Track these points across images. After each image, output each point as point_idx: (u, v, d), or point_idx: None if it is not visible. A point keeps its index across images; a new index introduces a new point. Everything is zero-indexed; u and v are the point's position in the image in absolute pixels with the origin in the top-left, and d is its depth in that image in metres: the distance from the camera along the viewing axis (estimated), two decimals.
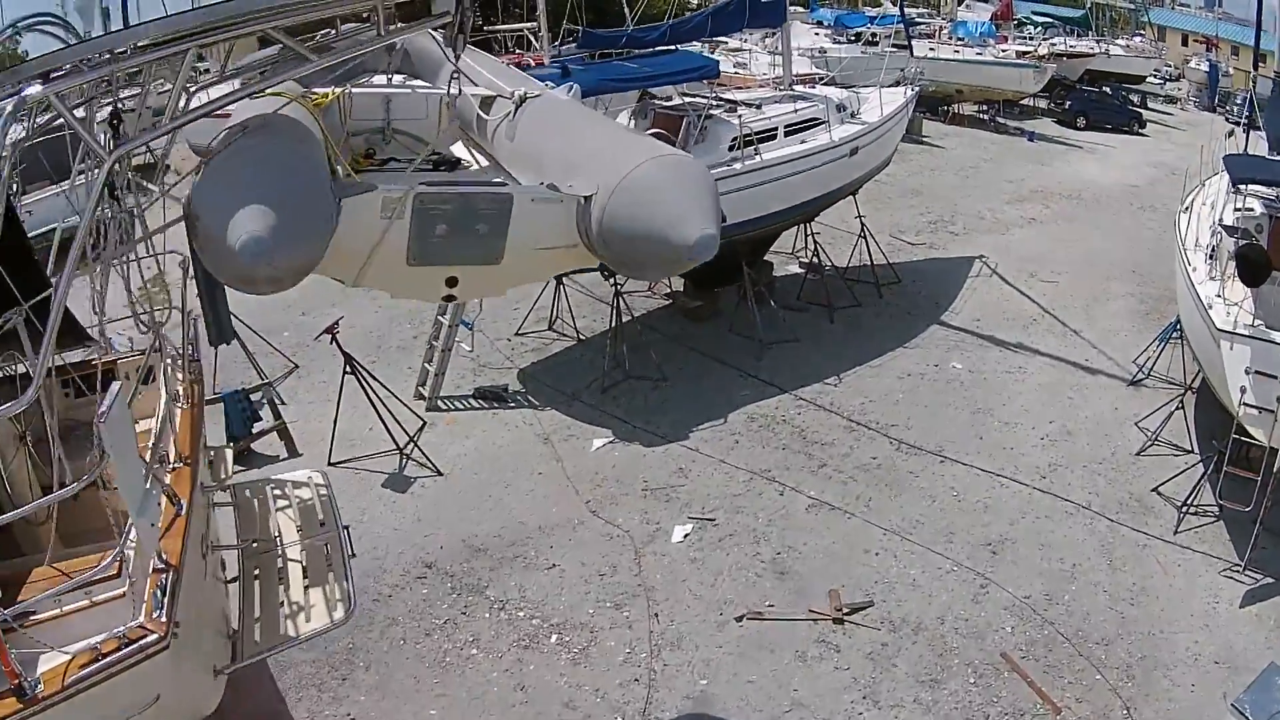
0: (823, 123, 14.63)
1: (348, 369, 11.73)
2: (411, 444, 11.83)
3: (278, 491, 7.40)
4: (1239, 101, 43.34)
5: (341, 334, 16.23)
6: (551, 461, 11.67)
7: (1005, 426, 12.31)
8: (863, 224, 16.36)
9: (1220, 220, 11.69)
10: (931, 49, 32.65)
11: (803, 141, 14.34)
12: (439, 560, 9.77)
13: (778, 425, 12.16)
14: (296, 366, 15.06)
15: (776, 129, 14.23)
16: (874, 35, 23.77)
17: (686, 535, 10.14)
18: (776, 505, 10.58)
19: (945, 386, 13.25)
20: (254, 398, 12.67)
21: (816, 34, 31.33)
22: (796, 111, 14.58)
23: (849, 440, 11.85)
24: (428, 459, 11.58)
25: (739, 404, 12.67)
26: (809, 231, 15.87)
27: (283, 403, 13.03)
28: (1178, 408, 11.96)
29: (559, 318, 14.98)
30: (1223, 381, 9.79)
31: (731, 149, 13.43)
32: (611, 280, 13.42)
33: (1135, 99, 41.09)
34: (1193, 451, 11.71)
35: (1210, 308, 10.17)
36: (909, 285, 16.69)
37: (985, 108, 33.74)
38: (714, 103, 14.43)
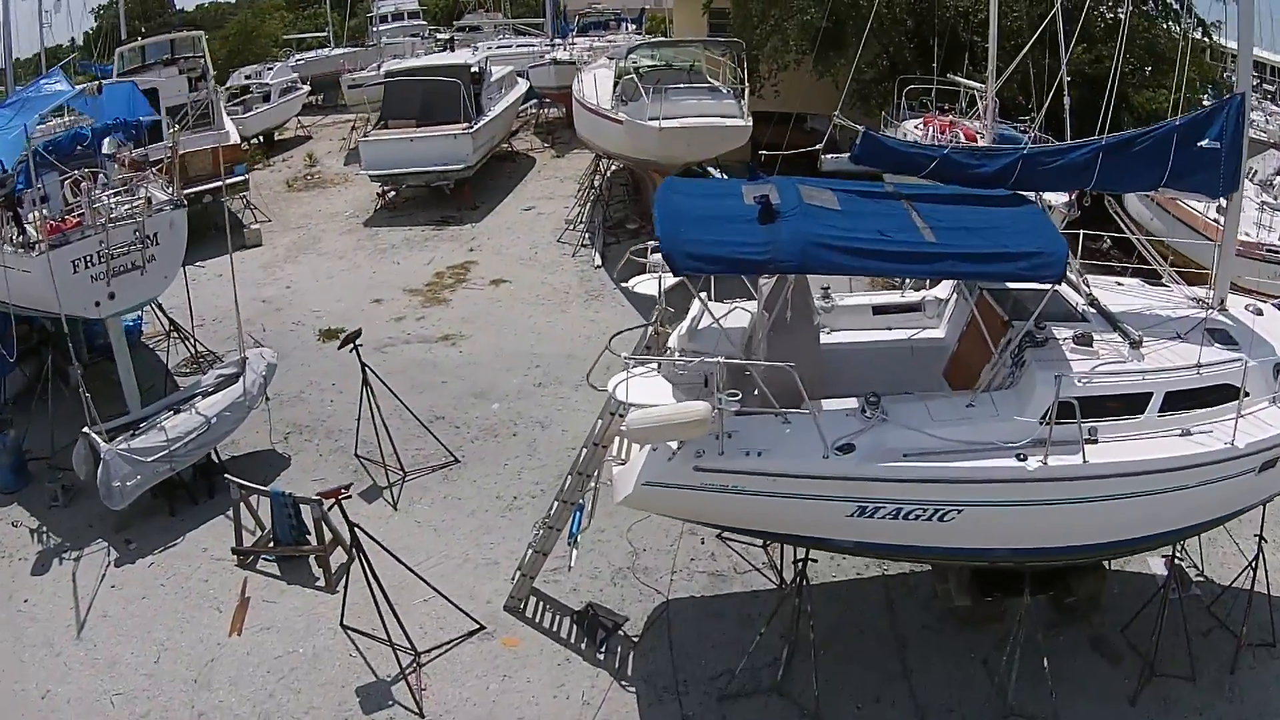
0: (1236, 396, 8.19)
1: (352, 547, 9.25)
2: (422, 657, 9.65)
3: None
4: None
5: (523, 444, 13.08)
6: None
7: None
8: (1260, 547, 9.92)
9: None
10: None
11: (1184, 432, 8.30)
12: None
13: None
14: (456, 460, 13.06)
15: (1149, 396, 8.38)
16: None
17: None
18: None
19: None
20: (303, 508, 10.95)
21: None
22: (1199, 372, 8.44)
23: None
24: (416, 696, 8.94)
25: None
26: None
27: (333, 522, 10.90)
28: None
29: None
30: None
31: (1044, 420, 8.00)
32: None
33: None
34: None
35: None
36: None
37: None
38: (1068, 309, 8.99)
